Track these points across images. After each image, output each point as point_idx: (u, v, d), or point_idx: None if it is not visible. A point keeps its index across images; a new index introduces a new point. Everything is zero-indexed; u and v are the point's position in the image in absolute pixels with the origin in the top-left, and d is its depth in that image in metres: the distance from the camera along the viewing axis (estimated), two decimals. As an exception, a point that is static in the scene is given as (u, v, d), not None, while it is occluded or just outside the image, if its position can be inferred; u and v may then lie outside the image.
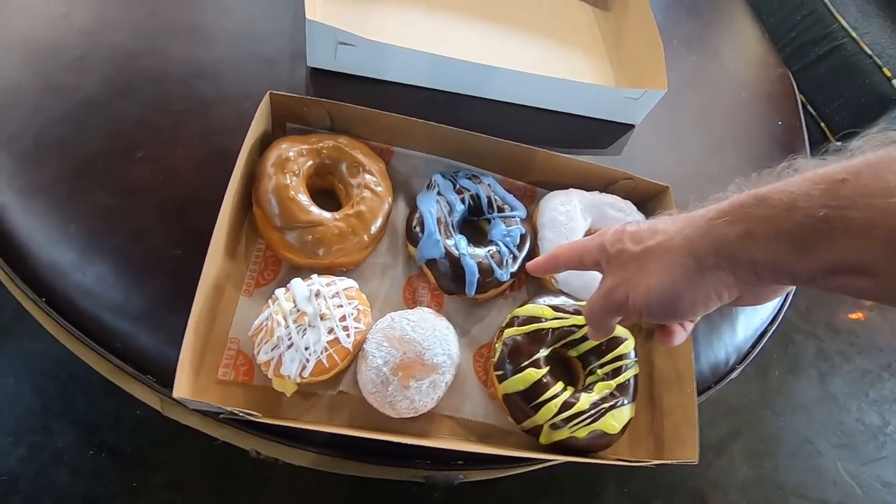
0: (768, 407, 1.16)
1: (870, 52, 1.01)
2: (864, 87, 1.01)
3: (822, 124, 1.10)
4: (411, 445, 0.39)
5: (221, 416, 0.38)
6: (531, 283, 0.52)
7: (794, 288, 0.69)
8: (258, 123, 0.46)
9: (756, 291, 0.32)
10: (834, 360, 1.27)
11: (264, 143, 0.48)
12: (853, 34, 1.03)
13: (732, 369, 0.59)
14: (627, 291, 0.32)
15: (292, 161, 0.45)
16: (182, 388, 0.35)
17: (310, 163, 0.46)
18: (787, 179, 0.27)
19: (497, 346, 0.45)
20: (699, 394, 0.55)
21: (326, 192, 0.49)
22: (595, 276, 0.47)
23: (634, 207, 0.54)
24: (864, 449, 1.16)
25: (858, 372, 1.27)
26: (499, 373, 0.44)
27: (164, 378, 0.42)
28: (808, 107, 1.10)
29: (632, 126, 0.68)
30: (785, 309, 0.65)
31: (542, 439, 0.43)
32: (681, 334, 0.36)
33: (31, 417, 0.76)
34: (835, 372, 1.26)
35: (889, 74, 0.98)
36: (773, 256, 0.26)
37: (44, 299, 0.42)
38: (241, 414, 0.35)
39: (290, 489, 0.81)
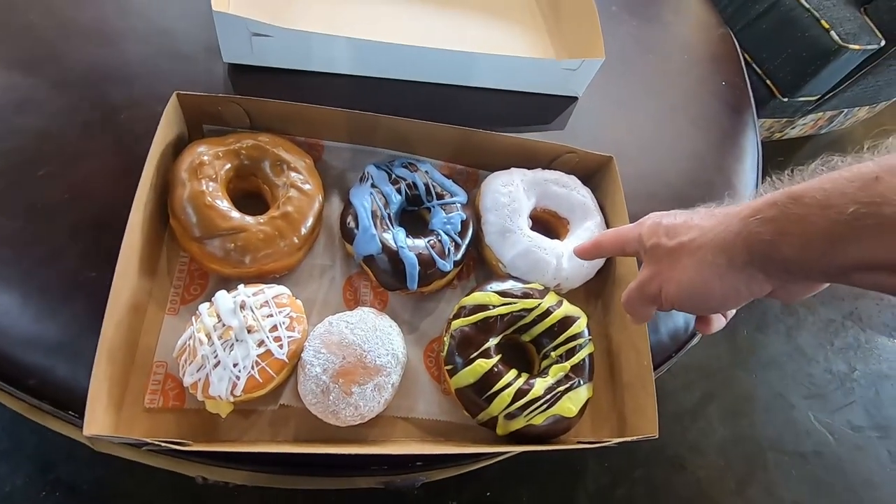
0: (739, 366, 1.18)
1: (807, 5, 1.01)
2: (804, 40, 1.01)
3: (768, 81, 1.10)
4: (364, 455, 0.37)
5: (144, 448, 0.35)
6: (480, 271, 0.50)
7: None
8: (167, 127, 0.42)
9: (789, 288, 0.32)
10: (799, 314, 1.30)
11: (180, 149, 0.44)
12: (790, -11, 1.04)
13: (693, 335, 0.58)
14: (661, 285, 0.34)
15: (208, 165, 0.42)
16: (97, 424, 0.32)
17: (228, 165, 0.43)
18: (821, 177, 0.26)
19: (445, 339, 0.43)
20: (662, 363, 0.54)
21: (254, 195, 0.46)
22: (541, 259, 0.47)
23: (579, 182, 0.52)
24: (833, 397, 1.19)
25: (823, 322, 1.30)
26: (449, 367, 0.42)
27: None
28: (753, 65, 1.10)
29: (575, 98, 0.66)
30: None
31: (499, 430, 0.41)
32: (718, 322, 0.37)
33: (-25, 462, 0.71)
34: (801, 325, 1.28)
35: (827, 26, 0.98)
36: (805, 254, 0.27)
37: (-57, 340, 0.38)
38: (163, 445, 0.33)
39: (260, 505, 0.78)
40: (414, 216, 0.50)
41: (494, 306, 0.43)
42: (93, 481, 0.73)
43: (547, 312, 0.44)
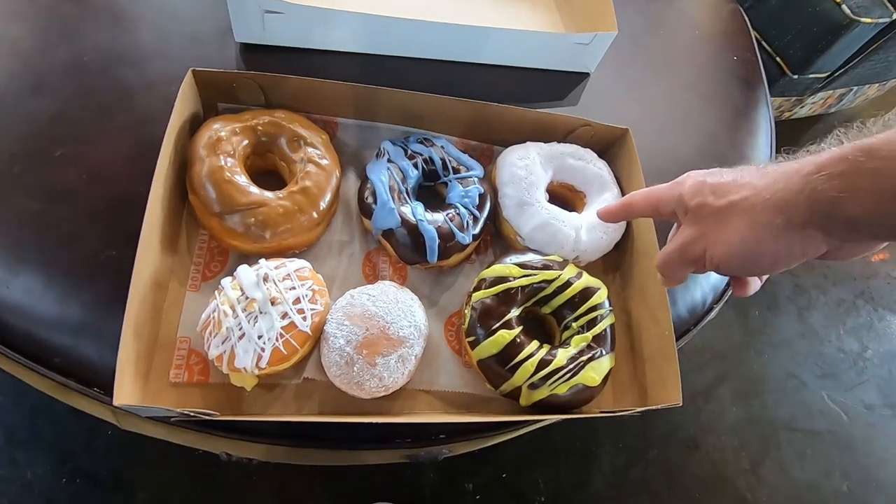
0: (751, 347, 1.17)
1: (817, -21, 1.00)
2: (814, 15, 1.00)
3: (778, 59, 1.09)
4: (388, 425, 0.37)
5: (173, 419, 0.35)
6: (498, 244, 0.50)
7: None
8: (183, 105, 0.42)
9: (844, 247, 0.31)
10: (810, 294, 1.29)
11: (196, 127, 0.44)
12: (799, -36, 1.02)
13: (710, 309, 0.58)
14: (706, 246, 0.32)
15: (225, 141, 0.42)
16: (125, 395, 0.33)
17: (245, 142, 0.43)
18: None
19: (466, 311, 0.43)
20: (680, 337, 0.54)
21: (271, 173, 0.46)
22: (560, 231, 0.46)
23: (595, 155, 0.52)
24: (845, 376, 1.19)
25: (834, 302, 1.29)
26: (471, 339, 0.42)
27: (112, 389, 0.39)
28: (762, 42, 1.09)
29: (587, 74, 0.66)
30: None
31: (523, 401, 0.41)
32: (754, 284, 0.36)
33: (-5, 451, 0.72)
34: (812, 305, 1.28)
35: (838, 0, 0.97)
36: (876, 211, 0.25)
37: (-32, 320, 0.39)
38: (193, 415, 0.33)
39: (279, 490, 0.78)
40: (430, 191, 0.50)
41: (515, 278, 0.43)
42: (111, 469, 0.74)
43: (567, 284, 0.44)
